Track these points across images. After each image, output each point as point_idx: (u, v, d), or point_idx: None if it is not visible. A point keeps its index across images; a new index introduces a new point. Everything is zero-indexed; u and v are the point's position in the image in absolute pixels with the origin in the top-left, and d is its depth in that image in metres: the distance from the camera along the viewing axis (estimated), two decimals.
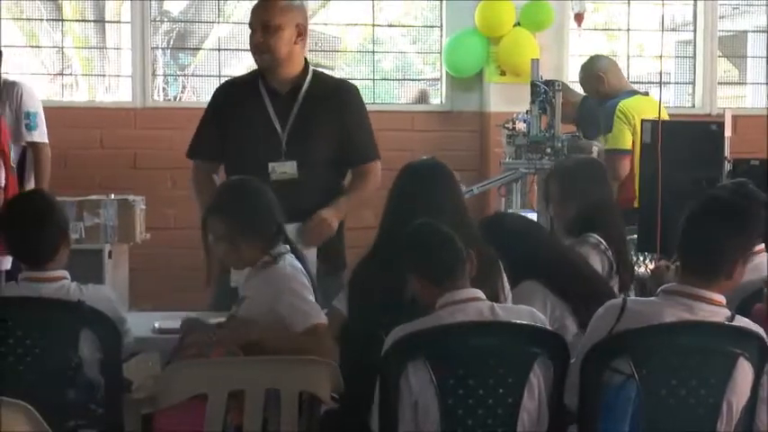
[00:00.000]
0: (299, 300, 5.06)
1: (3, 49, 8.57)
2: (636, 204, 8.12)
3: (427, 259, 4.60)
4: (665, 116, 8.08)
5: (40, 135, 8.34)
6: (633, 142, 8.44)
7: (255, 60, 6.37)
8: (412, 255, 4.64)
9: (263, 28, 6.25)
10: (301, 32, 6.36)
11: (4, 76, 8.47)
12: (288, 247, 5.26)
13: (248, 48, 6.57)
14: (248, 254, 5.26)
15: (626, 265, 6.01)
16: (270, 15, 6.30)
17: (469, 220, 5.20)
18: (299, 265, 5.23)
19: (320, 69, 6.66)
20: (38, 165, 8.16)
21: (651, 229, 6.36)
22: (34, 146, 8.25)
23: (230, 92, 6.52)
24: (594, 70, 8.96)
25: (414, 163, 5.32)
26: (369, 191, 6.36)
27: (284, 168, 6.07)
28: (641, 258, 6.62)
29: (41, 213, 5.23)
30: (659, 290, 4.67)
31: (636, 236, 6.92)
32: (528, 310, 4.61)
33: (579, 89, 9.38)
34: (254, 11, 6.39)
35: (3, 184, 7.39)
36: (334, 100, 6.34)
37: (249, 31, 6.40)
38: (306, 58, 6.47)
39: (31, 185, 7.99)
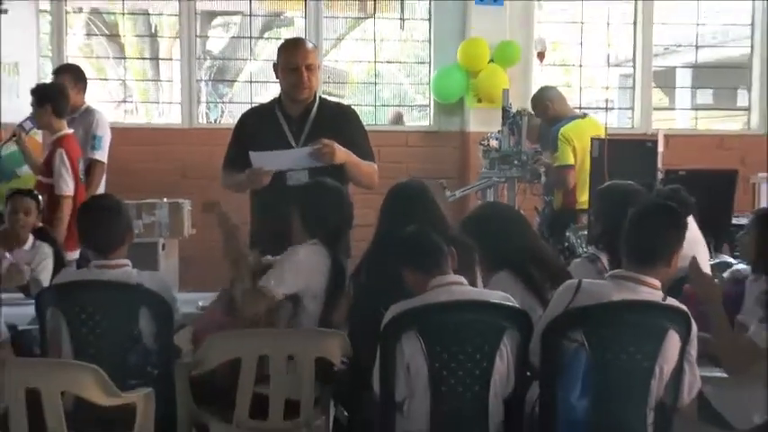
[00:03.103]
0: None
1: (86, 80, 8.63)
2: (577, 206, 8.27)
3: (418, 254, 4.61)
4: (603, 134, 8.14)
5: (101, 155, 8.31)
6: (575, 159, 8.48)
7: (295, 94, 6.25)
8: (406, 253, 4.65)
9: (307, 68, 6.23)
10: None
11: (87, 103, 8.50)
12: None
13: (274, 80, 6.57)
14: None
15: None
16: (311, 58, 6.28)
17: (447, 223, 5.20)
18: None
19: (324, 96, 6.62)
20: (92, 176, 8.14)
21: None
22: (93, 161, 8.22)
23: (253, 118, 6.51)
24: (543, 99, 8.96)
25: (400, 183, 5.36)
26: (367, 171, 6.31)
27: (298, 176, 6.06)
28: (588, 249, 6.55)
29: (112, 212, 5.23)
30: (608, 274, 4.71)
31: (585, 232, 6.92)
32: (503, 295, 4.61)
33: None
34: (294, 54, 6.28)
35: (72, 193, 7.41)
36: (337, 120, 6.32)
37: (275, 67, 6.39)
38: None
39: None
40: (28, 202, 6.65)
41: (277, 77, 6.39)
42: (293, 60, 6.24)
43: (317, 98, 6.36)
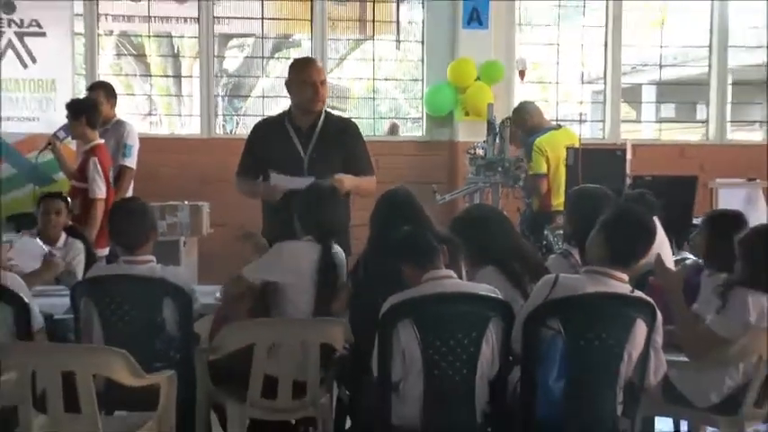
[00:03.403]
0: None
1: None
2: (552, 209, 8.32)
3: (414, 251, 4.60)
4: (577, 143, 8.16)
5: (130, 162, 8.35)
6: (548, 168, 8.48)
7: (310, 106, 6.20)
8: (404, 250, 4.65)
9: (321, 84, 6.21)
10: None
11: (117, 116, 8.52)
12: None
13: (284, 95, 6.55)
14: None
15: None
16: (323, 75, 6.27)
17: (431, 224, 5.20)
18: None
19: (329, 110, 6.58)
20: (122, 181, 8.22)
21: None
22: (123, 167, 8.28)
23: (264, 129, 6.46)
24: (522, 113, 8.94)
25: (389, 191, 5.35)
26: (367, 187, 6.25)
27: (306, 182, 6.05)
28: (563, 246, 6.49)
29: (139, 213, 5.26)
30: (582, 269, 4.72)
31: (561, 231, 6.92)
32: (488, 287, 4.61)
33: None
34: (309, 70, 6.24)
35: (104, 196, 7.42)
36: (340, 133, 6.29)
37: (283, 82, 6.37)
38: None
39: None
40: (58, 204, 6.64)
41: (289, 93, 6.36)
42: (309, 76, 6.20)
43: (323, 112, 6.34)
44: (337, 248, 5.32)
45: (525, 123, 8.88)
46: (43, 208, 6.62)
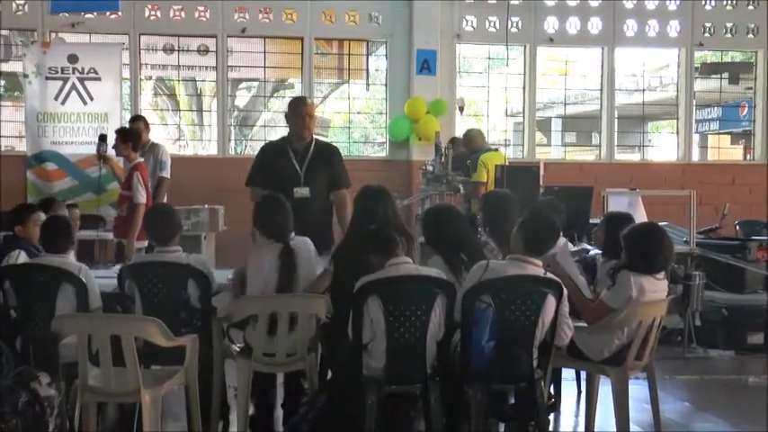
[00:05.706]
0: None
1: (150, 125, 8.64)
2: None
3: (380, 244, 4.56)
4: (503, 161, 8.13)
5: (166, 173, 8.37)
6: (487, 177, 8.45)
7: (304, 134, 6.11)
8: (372, 242, 4.60)
9: (311, 117, 6.16)
10: None
11: (151, 140, 8.52)
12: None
13: (281, 125, 6.51)
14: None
15: None
16: (313, 110, 6.26)
17: (400, 219, 5.16)
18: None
19: (317, 137, 6.51)
20: (161, 188, 8.28)
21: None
22: (161, 178, 8.31)
23: (270, 150, 6.40)
24: (470, 136, 8.94)
25: (368, 186, 5.27)
26: (349, 200, 6.19)
27: (302, 191, 5.98)
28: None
29: (168, 215, 5.26)
30: (508, 257, 4.66)
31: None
32: (436, 270, 4.58)
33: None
34: (304, 107, 6.13)
35: (144, 201, 7.36)
36: (327, 154, 6.26)
37: (280, 116, 6.33)
38: None
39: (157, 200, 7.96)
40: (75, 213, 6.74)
41: (288, 123, 6.28)
42: (301, 111, 6.14)
43: (313, 138, 6.29)
44: (296, 241, 5.07)
45: (472, 144, 8.89)
46: (71, 214, 6.69)
